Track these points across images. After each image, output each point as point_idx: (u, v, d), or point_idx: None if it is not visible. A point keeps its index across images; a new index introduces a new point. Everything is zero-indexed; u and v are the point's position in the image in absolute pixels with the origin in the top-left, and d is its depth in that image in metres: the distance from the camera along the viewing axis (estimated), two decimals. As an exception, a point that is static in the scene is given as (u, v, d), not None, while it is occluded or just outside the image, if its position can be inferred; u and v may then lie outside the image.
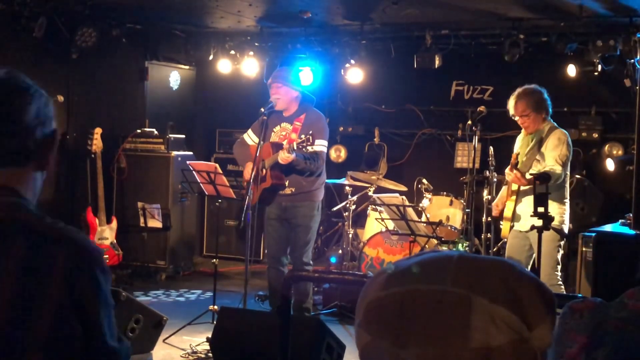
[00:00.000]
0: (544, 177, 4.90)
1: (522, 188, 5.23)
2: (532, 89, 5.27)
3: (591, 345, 1.74)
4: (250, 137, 5.85)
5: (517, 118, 5.28)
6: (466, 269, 1.01)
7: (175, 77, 8.90)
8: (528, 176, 5.06)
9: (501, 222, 5.40)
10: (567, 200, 5.28)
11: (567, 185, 5.30)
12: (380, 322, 1.02)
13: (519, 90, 5.28)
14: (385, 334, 1.01)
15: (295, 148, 5.23)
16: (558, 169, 5.04)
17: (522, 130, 5.41)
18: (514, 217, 5.24)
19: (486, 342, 0.95)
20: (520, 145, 5.36)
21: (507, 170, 5.17)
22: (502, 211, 5.35)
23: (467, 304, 0.97)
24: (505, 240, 5.56)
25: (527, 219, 4.89)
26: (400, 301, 1.01)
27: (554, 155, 5.10)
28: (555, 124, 5.30)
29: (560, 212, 5.17)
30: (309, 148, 5.32)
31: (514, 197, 5.23)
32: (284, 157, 5.29)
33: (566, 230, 5.28)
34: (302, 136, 5.29)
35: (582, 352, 1.74)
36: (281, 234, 5.75)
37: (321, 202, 5.87)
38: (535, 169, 5.15)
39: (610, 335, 1.72)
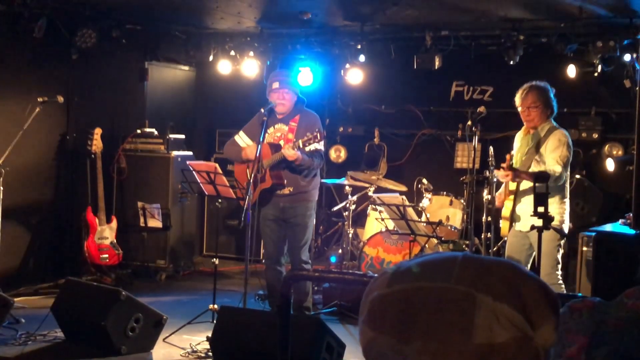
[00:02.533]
0: (542, 177, 4.89)
1: (521, 188, 5.20)
2: (544, 84, 5.26)
3: (591, 345, 1.74)
4: (242, 139, 5.87)
5: (521, 110, 5.21)
6: (470, 268, 1.02)
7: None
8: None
9: (500, 221, 5.39)
10: (567, 200, 5.26)
11: (568, 185, 5.27)
12: (383, 318, 1.02)
13: (530, 83, 5.26)
14: (388, 330, 1.01)
15: (301, 146, 5.27)
16: (558, 168, 5.00)
17: (521, 130, 5.38)
18: (513, 217, 5.22)
19: (489, 338, 0.96)
20: (519, 145, 5.33)
21: (500, 171, 5.08)
22: (500, 210, 5.34)
23: (471, 302, 0.97)
24: (504, 238, 5.55)
25: (527, 219, 4.85)
26: (404, 298, 1.01)
27: (554, 156, 5.06)
28: (556, 124, 5.26)
29: (560, 211, 5.15)
30: (315, 145, 5.37)
31: (512, 197, 5.21)
32: (290, 153, 5.33)
33: (566, 229, 5.25)
34: (308, 134, 5.32)
35: (582, 352, 1.74)
36: (279, 235, 5.78)
37: (316, 201, 5.91)
38: (535, 169, 5.11)
39: (609, 335, 1.73)
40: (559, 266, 5.17)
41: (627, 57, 6.78)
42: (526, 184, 5.11)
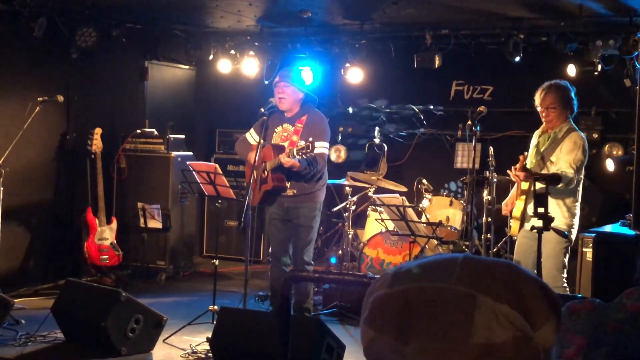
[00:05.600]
0: (554, 179, 4.85)
1: (532, 188, 5.14)
2: (564, 84, 5.20)
3: (589, 346, 1.74)
4: (252, 137, 5.82)
5: (540, 110, 5.16)
6: (471, 269, 1.02)
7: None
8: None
9: (510, 221, 5.35)
10: (579, 204, 5.17)
11: (580, 188, 5.18)
12: (384, 318, 1.03)
13: (549, 82, 5.20)
14: (389, 330, 1.01)
15: (295, 154, 5.23)
16: (570, 172, 4.93)
17: (540, 127, 5.31)
18: (524, 217, 5.17)
19: (489, 338, 0.96)
20: (536, 143, 5.27)
21: (514, 171, 4.98)
22: (511, 210, 5.29)
23: (472, 302, 0.98)
24: (513, 238, 5.50)
25: (536, 220, 4.80)
26: (404, 298, 1.02)
27: (568, 159, 4.99)
28: (575, 126, 5.20)
29: (570, 215, 5.09)
30: (318, 150, 5.34)
31: (523, 197, 5.15)
32: (286, 161, 5.28)
33: (574, 234, 5.18)
34: (303, 142, 5.27)
35: (580, 353, 1.74)
36: (284, 234, 5.76)
37: (322, 202, 5.86)
38: (550, 169, 5.05)
39: (608, 336, 1.73)
40: (565, 270, 5.09)
41: (627, 56, 6.77)
42: (539, 185, 5.06)
